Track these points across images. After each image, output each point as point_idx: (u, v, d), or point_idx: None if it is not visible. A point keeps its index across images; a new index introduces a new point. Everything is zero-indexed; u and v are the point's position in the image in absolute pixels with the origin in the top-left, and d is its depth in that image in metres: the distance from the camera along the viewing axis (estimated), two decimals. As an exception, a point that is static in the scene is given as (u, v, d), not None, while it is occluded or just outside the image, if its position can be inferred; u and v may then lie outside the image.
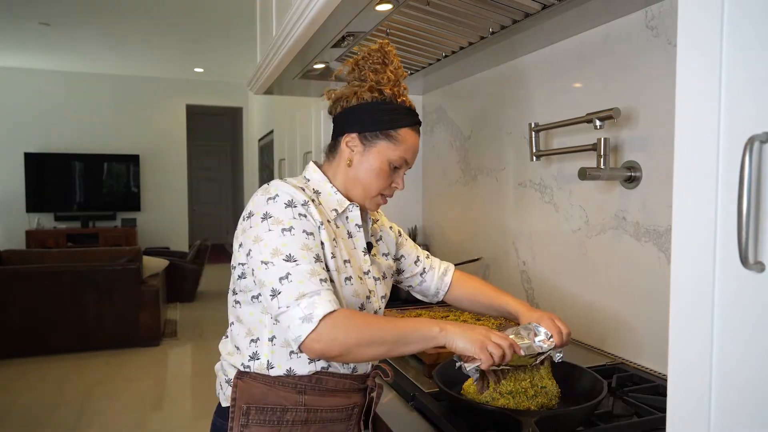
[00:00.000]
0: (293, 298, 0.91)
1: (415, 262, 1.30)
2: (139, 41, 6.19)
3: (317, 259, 0.96)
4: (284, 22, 1.72)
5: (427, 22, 1.49)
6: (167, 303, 5.85)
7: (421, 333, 0.95)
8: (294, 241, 0.95)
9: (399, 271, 1.29)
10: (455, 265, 1.37)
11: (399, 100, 1.09)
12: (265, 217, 0.97)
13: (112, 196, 7.99)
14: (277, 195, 1.00)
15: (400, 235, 1.30)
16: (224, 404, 1.06)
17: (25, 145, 7.53)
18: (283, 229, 0.96)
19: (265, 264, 0.94)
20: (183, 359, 4.52)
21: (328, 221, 1.05)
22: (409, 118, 1.09)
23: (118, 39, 6.10)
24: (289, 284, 0.92)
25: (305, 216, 0.99)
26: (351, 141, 1.08)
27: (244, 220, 1.02)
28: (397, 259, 1.27)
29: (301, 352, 0.94)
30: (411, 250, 1.30)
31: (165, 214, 8.33)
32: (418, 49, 1.75)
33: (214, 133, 10.76)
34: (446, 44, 1.68)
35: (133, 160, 8.01)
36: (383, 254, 1.21)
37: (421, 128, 1.15)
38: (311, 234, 0.98)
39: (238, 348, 1.05)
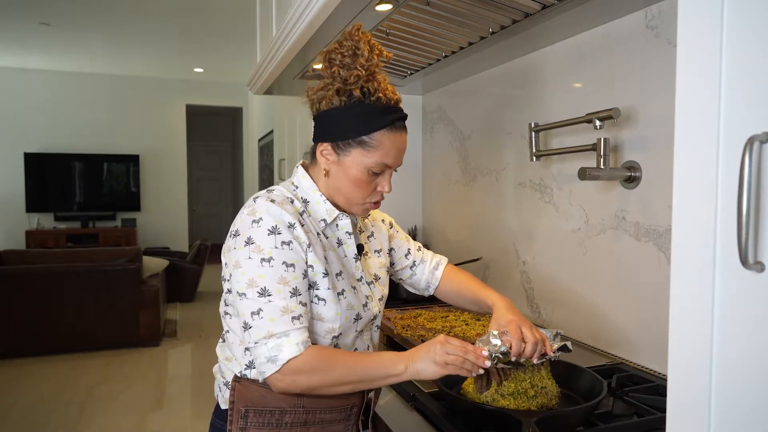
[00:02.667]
0: (262, 336, 0.91)
1: (405, 255, 1.28)
2: (139, 41, 6.19)
3: (294, 293, 0.94)
4: (284, 22, 1.72)
5: (427, 22, 1.49)
6: (167, 303, 5.85)
7: (386, 372, 0.94)
8: (271, 274, 0.93)
9: (390, 264, 1.27)
10: (455, 265, 1.36)
11: (372, 98, 0.99)
12: (248, 242, 0.95)
13: (112, 196, 7.99)
14: (261, 219, 0.96)
15: (392, 227, 1.27)
16: (223, 407, 1.06)
17: (25, 145, 7.53)
18: (263, 259, 0.94)
19: (240, 295, 0.94)
20: (183, 359, 4.52)
21: (317, 234, 1.03)
22: (383, 118, 0.98)
23: (118, 39, 6.10)
24: (260, 320, 0.92)
25: (289, 243, 0.96)
26: (325, 150, 1.03)
27: (230, 236, 1.00)
28: (388, 252, 1.25)
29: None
30: (402, 242, 1.28)
31: (165, 214, 8.33)
32: (418, 49, 1.75)
33: (214, 133, 10.76)
34: (446, 44, 1.68)
35: (133, 160, 8.01)
36: (375, 251, 1.18)
37: (421, 128, 1.13)
38: (292, 265, 0.95)
39: (234, 355, 1.05)
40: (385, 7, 1.37)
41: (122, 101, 7.97)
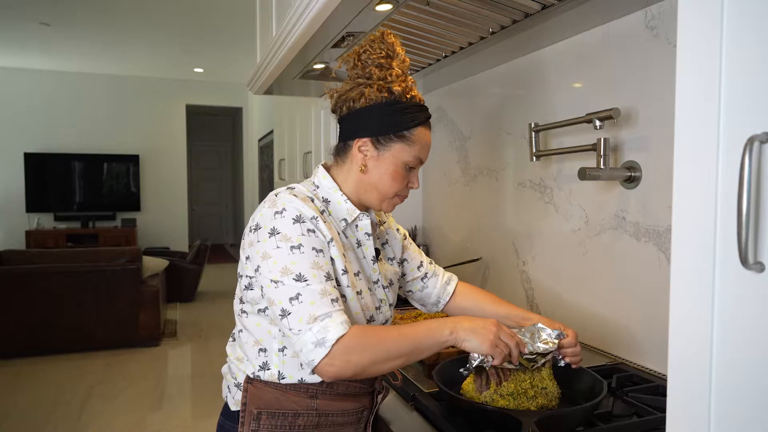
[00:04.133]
0: (305, 321, 0.89)
1: (418, 267, 1.26)
2: (139, 41, 6.19)
3: (328, 277, 0.93)
4: (284, 22, 1.72)
5: (427, 22, 1.49)
6: (167, 303, 5.85)
7: (434, 339, 0.94)
8: (304, 260, 0.92)
9: (401, 275, 1.26)
10: (455, 265, 1.36)
11: (408, 96, 1.03)
12: (273, 232, 0.94)
13: (112, 196, 7.99)
14: (284, 209, 0.96)
15: (405, 238, 1.27)
16: (233, 408, 1.05)
17: (25, 145, 7.53)
18: (292, 247, 0.93)
19: (275, 283, 0.92)
20: (183, 359, 4.52)
21: (338, 233, 1.02)
22: (421, 115, 1.04)
23: (118, 39, 6.10)
24: (299, 305, 0.90)
25: (314, 231, 0.96)
26: (363, 146, 1.03)
27: (251, 231, 0.99)
28: (400, 263, 1.24)
29: (314, 374, 0.92)
30: (414, 254, 1.27)
31: (165, 214, 8.33)
32: (418, 49, 1.75)
33: (214, 133, 10.76)
34: (446, 44, 1.68)
35: (133, 160, 8.01)
36: (389, 259, 1.18)
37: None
38: (321, 251, 0.95)
39: (246, 356, 1.03)
40: (385, 7, 1.37)
41: (122, 101, 7.97)
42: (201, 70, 7.72)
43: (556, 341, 1.07)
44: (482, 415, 1.01)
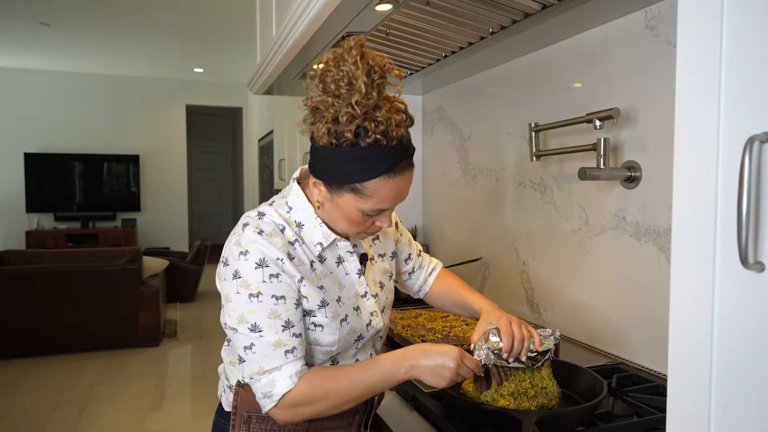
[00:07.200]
0: (255, 372, 0.91)
1: (406, 261, 1.25)
2: (139, 41, 6.19)
3: (286, 325, 0.92)
4: (284, 22, 1.72)
5: (427, 22, 1.49)
6: (167, 303, 5.85)
7: (389, 381, 0.94)
8: (261, 309, 0.91)
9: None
10: (455, 265, 1.36)
11: (369, 140, 0.85)
12: (236, 275, 0.92)
13: (112, 197, 7.99)
14: (248, 251, 0.92)
15: (397, 228, 1.23)
16: (226, 408, 1.06)
17: (25, 145, 7.53)
18: (251, 294, 0.91)
19: (232, 330, 0.94)
20: (183, 359, 4.52)
21: (311, 262, 0.98)
22: (379, 165, 0.86)
23: (118, 39, 6.10)
24: (252, 356, 0.91)
25: (278, 276, 0.92)
26: (318, 184, 0.94)
27: (221, 264, 0.97)
28: (392, 257, 1.21)
29: None
30: (404, 246, 1.24)
31: (165, 215, 8.33)
32: (418, 49, 1.75)
33: (214, 133, 10.76)
34: (446, 44, 1.68)
35: (133, 161, 8.01)
36: (379, 255, 1.14)
37: (421, 128, 1.12)
38: (282, 297, 0.92)
39: (237, 361, 1.03)
40: (385, 7, 1.37)
41: (122, 101, 7.97)
42: (201, 70, 7.72)
43: (552, 340, 1.07)
44: (482, 415, 1.01)
